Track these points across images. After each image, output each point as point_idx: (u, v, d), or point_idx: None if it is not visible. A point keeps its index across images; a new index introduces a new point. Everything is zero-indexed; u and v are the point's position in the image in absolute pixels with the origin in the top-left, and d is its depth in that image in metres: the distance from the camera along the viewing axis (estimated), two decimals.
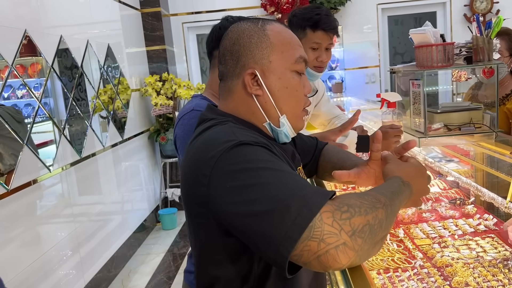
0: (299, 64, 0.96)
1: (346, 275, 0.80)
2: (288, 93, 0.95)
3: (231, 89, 0.97)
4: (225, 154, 0.79)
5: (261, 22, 0.97)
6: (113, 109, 4.06)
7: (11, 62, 2.57)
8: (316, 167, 1.30)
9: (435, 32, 1.65)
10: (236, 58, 0.95)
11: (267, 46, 0.94)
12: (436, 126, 1.69)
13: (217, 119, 0.95)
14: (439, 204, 1.96)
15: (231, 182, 0.76)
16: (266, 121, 0.96)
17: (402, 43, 5.87)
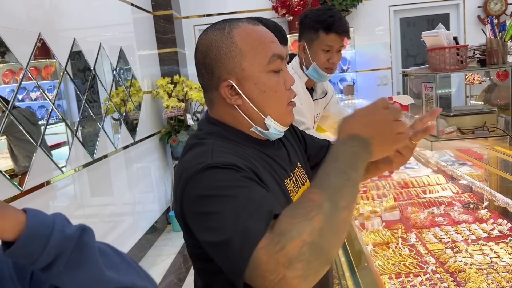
0: (273, 63, 0.94)
1: (357, 279, 0.79)
2: (267, 96, 0.94)
3: (212, 100, 0.98)
4: (193, 178, 0.82)
5: (227, 28, 0.94)
6: (125, 111, 4.09)
7: (25, 65, 2.60)
8: None
9: (448, 35, 1.63)
10: (210, 71, 0.94)
11: (236, 54, 0.92)
12: (449, 129, 1.68)
13: (206, 130, 0.97)
14: (452, 209, 1.93)
15: (195, 207, 0.81)
16: (252, 126, 0.96)
17: (414, 45, 5.82)
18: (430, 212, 1.91)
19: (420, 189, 2.21)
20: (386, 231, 1.75)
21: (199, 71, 0.98)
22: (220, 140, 0.93)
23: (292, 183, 1.01)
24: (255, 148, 0.97)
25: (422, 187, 2.25)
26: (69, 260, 0.65)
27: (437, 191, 2.17)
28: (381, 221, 1.85)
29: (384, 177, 2.46)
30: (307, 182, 1.09)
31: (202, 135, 0.96)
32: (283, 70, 0.96)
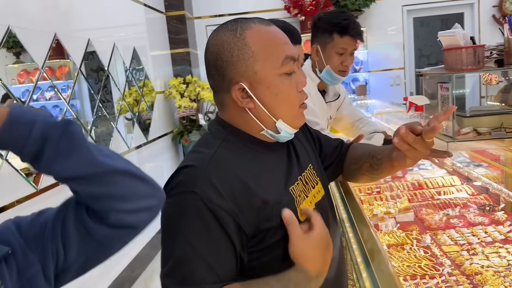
0: (286, 66, 0.92)
1: (375, 281, 0.78)
2: (280, 100, 0.92)
3: (223, 102, 0.97)
4: (176, 197, 0.85)
5: (239, 29, 0.92)
6: (138, 111, 4.12)
7: (41, 65, 2.63)
8: (341, 167, 1.26)
9: (465, 35, 1.61)
10: (222, 74, 0.92)
11: (249, 57, 0.90)
12: (465, 130, 1.66)
13: (215, 133, 0.97)
14: (467, 210, 1.91)
15: (161, 226, 0.88)
16: (263, 129, 0.95)
17: (427, 45, 5.77)
18: (445, 213, 1.89)
19: (434, 191, 2.19)
20: (401, 232, 1.73)
21: (209, 72, 0.96)
22: (224, 147, 0.92)
23: (301, 187, 1.00)
24: (261, 154, 0.96)
25: (436, 188, 2.23)
26: (58, 146, 0.68)
27: (452, 192, 2.15)
28: (395, 222, 1.83)
29: (397, 178, 2.44)
30: (318, 184, 1.07)
31: (209, 139, 0.96)
32: (295, 72, 0.95)
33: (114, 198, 0.74)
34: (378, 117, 3.43)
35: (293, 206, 0.93)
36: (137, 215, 0.77)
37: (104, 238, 0.77)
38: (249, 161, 0.93)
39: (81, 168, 0.71)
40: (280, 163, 0.99)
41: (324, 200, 1.07)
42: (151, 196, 0.79)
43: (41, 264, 0.75)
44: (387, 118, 3.42)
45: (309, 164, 1.08)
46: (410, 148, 0.94)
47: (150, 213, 0.80)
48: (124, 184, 0.75)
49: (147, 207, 0.78)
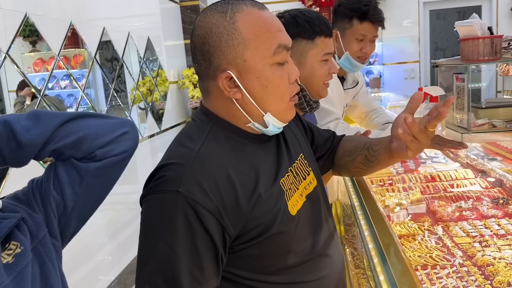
0: (279, 55, 0.85)
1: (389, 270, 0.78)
2: (269, 91, 0.85)
3: (208, 90, 0.89)
4: (158, 195, 0.80)
5: (230, 11, 0.83)
6: (152, 101, 4.15)
7: (57, 53, 2.66)
8: (332, 160, 1.22)
9: (482, 25, 1.59)
10: (208, 59, 0.84)
11: (239, 43, 0.82)
12: (480, 122, 1.64)
13: (199, 124, 0.90)
14: (480, 203, 1.89)
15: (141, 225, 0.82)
16: (250, 122, 0.88)
17: (444, 38, 5.70)
18: (458, 206, 1.88)
19: (447, 183, 2.17)
20: (412, 223, 1.73)
21: (195, 57, 0.88)
22: (209, 140, 0.86)
23: (291, 178, 0.94)
24: (249, 146, 0.90)
25: (449, 181, 2.21)
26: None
27: (465, 185, 2.13)
28: (407, 213, 1.83)
29: (410, 171, 2.43)
30: (310, 174, 1.02)
31: (193, 131, 0.89)
32: (288, 62, 0.88)
33: (88, 138, 0.85)
34: (392, 110, 3.41)
35: (283, 199, 0.88)
36: (118, 144, 0.87)
37: (97, 171, 0.88)
38: (236, 155, 0.86)
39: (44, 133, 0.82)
40: (269, 155, 0.93)
41: (317, 191, 1.02)
42: (120, 124, 0.89)
43: (45, 223, 0.84)
44: (401, 111, 3.39)
45: (300, 154, 1.03)
46: (413, 139, 0.88)
47: (129, 139, 0.89)
48: (89, 125, 0.86)
49: (123, 133, 0.88)
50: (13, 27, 2.31)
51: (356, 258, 1.69)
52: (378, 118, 2.07)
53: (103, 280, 3.03)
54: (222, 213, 0.78)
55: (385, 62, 5.66)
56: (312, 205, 0.97)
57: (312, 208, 0.97)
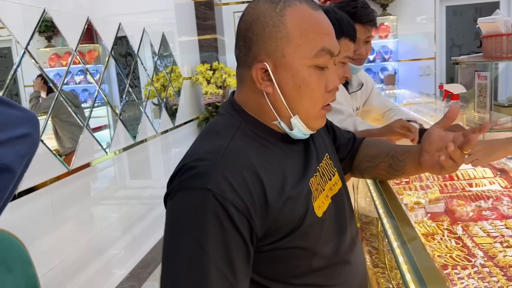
0: (321, 58, 0.82)
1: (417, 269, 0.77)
2: (301, 93, 0.83)
3: (243, 78, 0.88)
4: (185, 192, 0.75)
5: (282, 3, 0.82)
6: (166, 97, 4.16)
7: (74, 48, 2.68)
8: (351, 163, 1.20)
9: (506, 21, 1.56)
10: (248, 47, 0.83)
11: (282, 37, 0.80)
12: (503, 120, 1.61)
13: (228, 118, 0.88)
14: (501, 203, 1.86)
15: (167, 223, 0.77)
16: (277, 119, 0.86)
17: (460, 35, 5.61)
18: (477, 205, 1.85)
19: (466, 182, 2.14)
20: (431, 222, 1.71)
21: (237, 41, 0.87)
22: (238, 138, 0.83)
23: (318, 179, 0.92)
24: (277, 146, 0.87)
25: (468, 180, 2.18)
26: None
27: (484, 184, 2.10)
28: (425, 212, 1.81)
29: None
30: (335, 175, 1.00)
31: (221, 126, 0.87)
32: (329, 68, 0.85)
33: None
34: (407, 108, 3.38)
35: (309, 200, 0.86)
36: (12, 149, 0.65)
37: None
38: (264, 154, 0.84)
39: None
40: (297, 154, 0.91)
41: (341, 194, 1.00)
42: (22, 120, 0.67)
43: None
44: (416, 108, 3.36)
45: (326, 154, 1.01)
46: (449, 159, 0.91)
47: (29, 145, 0.67)
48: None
49: (23, 136, 0.67)
50: (31, 23, 2.33)
51: (375, 257, 1.67)
52: (396, 116, 2.05)
53: (116, 274, 3.05)
54: (251, 211, 0.75)
55: (400, 59, 5.60)
56: (337, 207, 0.95)
57: (337, 210, 0.95)
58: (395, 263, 0.80)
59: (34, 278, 1.54)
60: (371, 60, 5.66)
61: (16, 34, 2.19)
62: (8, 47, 2.24)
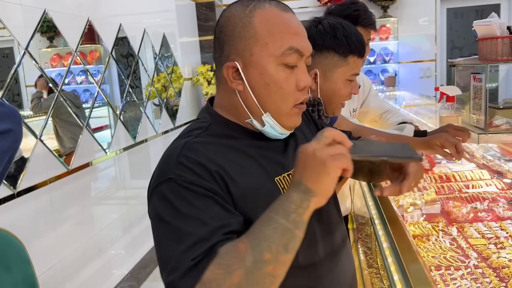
0: (288, 56, 0.84)
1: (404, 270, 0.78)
2: (270, 90, 0.85)
3: (219, 79, 0.92)
4: (156, 190, 0.79)
5: (251, 6, 0.86)
6: (166, 97, 4.18)
7: (75, 49, 2.70)
8: None
9: (501, 24, 1.57)
10: (221, 48, 0.88)
11: (250, 37, 0.84)
12: (498, 122, 1.62)
13: (200, 121, 0.91)
14: (496, 205, 1.87)
15: (152, 220, 0.80)
16: (249, 118, 0.88)
17: (461, 37, 5.62)
18: (473, 207, 1.86)
19: (462, 184, 2.15)
20: (426, 223, 1.72)
21: (214, 44, 0.91)
22: (203, 136, 0.86)
23: (286, 180, 0.90)
24: (249, 142, 0.89)
25: (464, 181, 2.19)
26: None
27: (481, 186, 2.11)
28: (421, 213, 1.82)
29: (425, 171, 2.40)
30: None
31: (191, 128, 0.91)
32: (298, 67, 0.87)
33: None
34: (407, 109, 3.39)
35: (278, 195, 0.81)
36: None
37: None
38: (230, 150, 0.86)
39: None
40: (270, 151, 0.91)
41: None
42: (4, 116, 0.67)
43: None
44: (416, 110, 3.37)
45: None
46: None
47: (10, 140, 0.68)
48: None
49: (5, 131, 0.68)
50: (32, 23, 2.35)
51: (369, 258, 1.68)
52: (393, 118, 2.06)
53: (116, 274, 3.06)
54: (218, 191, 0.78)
55: (400, 61, 5.61)
56: (320, 210, 0.96)
57: (320, 213, 0.94)
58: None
59: (33, 277, 1.56)
60: (371, 61, 5.67)
61: (17, 34, 2.21)
62: (10, 47, 2.26)
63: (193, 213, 0.74)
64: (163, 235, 0.76)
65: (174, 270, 0.71)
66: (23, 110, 2.31)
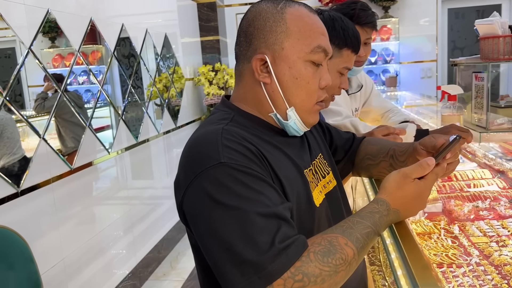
0: (316, 54, 0.88)
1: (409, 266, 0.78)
2: (298, 84, 0.87)
3: (241, 73, 0.93)
4: (204, 175, 0.75)
5: (282, 3, 0.89)
6: (168, 97, 4.19)
7: (77, 49, 2.71)
8: (352, 162, 1.22)
9: (503, 23, 1.58)
10: (249, 41, 0.89)
11: (282, 31, 0.86)
12: (499, 121, 1.63)
13: (219, 115, 0.90)
14: (498, 203, 1.88)
15: (200, 207, 0.75)
16: (273, 111, 0.90)
17: (462, 37, 5.63)
18: (475, 205, 1.86)
19: (464, 183, 2.15)
20: (428, 221, 1.72)
21: (238, 39, 0.93)
22: (232, 126, 0.86)
23: (312, 174, 0.95)
24: (270, 135, 0.91)
25: (466, 180, 2.20)
26: None
27: (482, 185, 2.11)
28: (423, 212, 1.82)
29: None
30: (330, 174, 1.03)
31: (214, 119, 0.90)
32: (323, 66, 0.91)
33: None
34: (408, 109, 3.39)
35: (308, 188, 0.90)
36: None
37: None
38: (260, 140, 0.86)
39: None
40: (292, 146, 0.94)
41: (336, 192, 1.03)
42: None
43: None
44: (417, 110, 3.38)
45: (319, 153, 1.04)
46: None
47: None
48: None
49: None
50: (35, 23, 2.36)
51: (371, 255, 1.69)
52: (394, 117, 2.07)
53: (118, 273, 3.07)
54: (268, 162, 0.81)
55: (401, 61, 5.61)
56: (331, 204, 0.97)
57: (331, 207, 0.97)
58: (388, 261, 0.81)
59: (36, 274, 1.57)
60: (372, 62, 5.68)
61: (20, 34, 2.22)
62: (12, 47, 2.27)
63: (254, 196, 0.74)
64: (221, 218, 0.72)
65: (254, 250, 0.69)
66: (26, 110, 2.32)
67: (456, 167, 1.01)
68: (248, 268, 0.69)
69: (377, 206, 0.83)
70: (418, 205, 0.87)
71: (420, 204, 0.88)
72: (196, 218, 0.77)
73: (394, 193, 0.85)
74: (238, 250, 0.70)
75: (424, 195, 0.87)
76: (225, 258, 0.71)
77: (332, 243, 0.74)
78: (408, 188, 0.85)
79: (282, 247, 0.70)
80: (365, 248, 0.77)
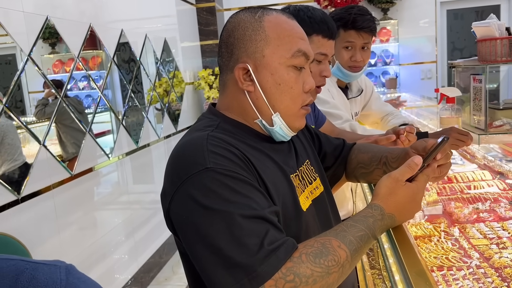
0: (297, 58, 0.88)
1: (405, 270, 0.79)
2: (281, 90, 0.88)
3: (225, 83, 0.93)
4: (190, 181, 0.76)
5: (260, 12, 0.90)
6: (168, 102, 4.20)
7: (77, 55, 2.72)
8: (343, 169, 1.22)
9: (500, 25, 1.58)
10: (230, 51, 0.90)
11: (261, 39, 0.88)
12: (498, 123, 1.63)
13: (205, 122, 0.91)
14: (498, 205, 1.88)
15: (187, 213, 0.75)
16: (258, 118, 0.90)
17: (461, 38, 5.63)
18: (475, 207, 1.86)
19: (464, 185, 2.15)
20: (428, 224, 1.72)
21: (220, 50, 0.94)
22: (218, 132, 0.86)
23: (298, 179, 0.95)
24: (256, 141, 0.91)
25: (466, 182, 2.19)
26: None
27: (482, 187, 2.11)
28: (423, 214, 1.82)
29: None
30: (317, 180, 1.03)
31: (199, 127, 0.90)
32: (305, 69, 0.91)
33: None
34: (408, 111, 3.39)
35: (295, 193, 0.90)
36: None
37: None
38: (246, 145, 0.87)
39: None
40: (278, 152, 0.94)
41: (323, 197, 1.03)
42: None
43: None
44: (417, 112, 3.38)
45: (306, 160, 1.05)
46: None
47: None
48: None
49: None
50: (35, 30, 2.37)
51: (371, 259, 1.69)
52: (394, 120, 2.07)
53: (119, 278, 3.07)
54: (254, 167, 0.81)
55: (401, 63, 5.62)
56: (318, 210, 0.97)
57: (318, 213, 0.97)
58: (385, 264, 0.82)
59: None
60: (372, 64, 5.68)
61: (19, 41, 2.23)
62: (13, 54, 2.28)
63: (241, 200, 0.74)
64: (209, 222, 0.73)
65: (243, 253, 0.70)
66: (26, 116, 2.33)
67: (449, 169, 1.01)
68: (238, 270, 0.69)
69: (371, 211, 0.83)
70: (412, 208, 0.87)
71: (415, 206, 0.88)
72: (183, 224, 0.77)
73: (387, 199, 0.85)
74: (227, 254, 0.70)
75: (417, 197, 0.87)
76: (214, 262, 0.71)
77: (324, 245, 0.74)
78: (401, 192, 0.85)
79: (272, 249, 0.70)
80: (359, 251, 0.77)
